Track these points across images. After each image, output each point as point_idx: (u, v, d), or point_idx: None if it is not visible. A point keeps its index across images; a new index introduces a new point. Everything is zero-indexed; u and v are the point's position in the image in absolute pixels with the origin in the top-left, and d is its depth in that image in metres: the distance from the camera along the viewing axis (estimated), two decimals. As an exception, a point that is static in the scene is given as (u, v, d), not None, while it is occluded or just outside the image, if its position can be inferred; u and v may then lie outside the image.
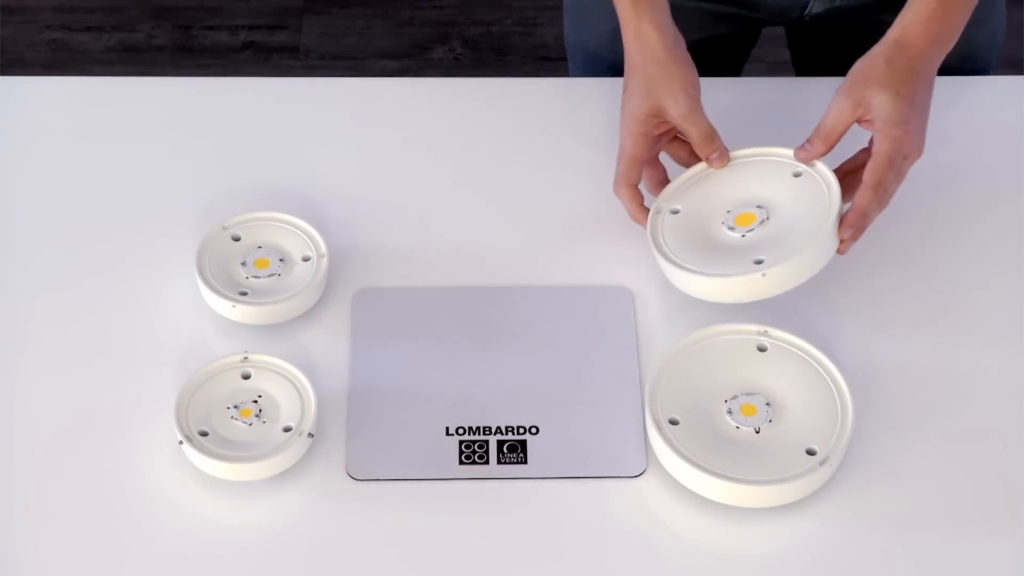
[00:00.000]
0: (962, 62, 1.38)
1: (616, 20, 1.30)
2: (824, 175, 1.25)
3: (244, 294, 1.25)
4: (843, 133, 1.24)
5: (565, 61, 1.60)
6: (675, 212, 1.27)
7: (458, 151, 1.37)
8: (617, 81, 1.32)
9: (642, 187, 1.29)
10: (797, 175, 1.26)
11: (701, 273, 1.22)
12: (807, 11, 1.45)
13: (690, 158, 1.31)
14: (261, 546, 1.14)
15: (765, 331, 1.21)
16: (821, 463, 1.14)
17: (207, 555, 1.14)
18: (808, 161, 1.25)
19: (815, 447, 1.16)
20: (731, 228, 1.25)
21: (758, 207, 1.25)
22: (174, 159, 1.37)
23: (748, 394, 1.19)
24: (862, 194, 1.21)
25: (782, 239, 1.22)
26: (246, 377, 1.20)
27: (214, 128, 1.39)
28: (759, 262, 1.21)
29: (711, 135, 1.27)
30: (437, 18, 2.60)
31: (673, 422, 1.17)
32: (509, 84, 1.47)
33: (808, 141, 1.25)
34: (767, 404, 1.18)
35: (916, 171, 1.24)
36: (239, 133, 1.39)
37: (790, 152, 1.27)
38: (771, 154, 1.28)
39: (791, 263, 1.20)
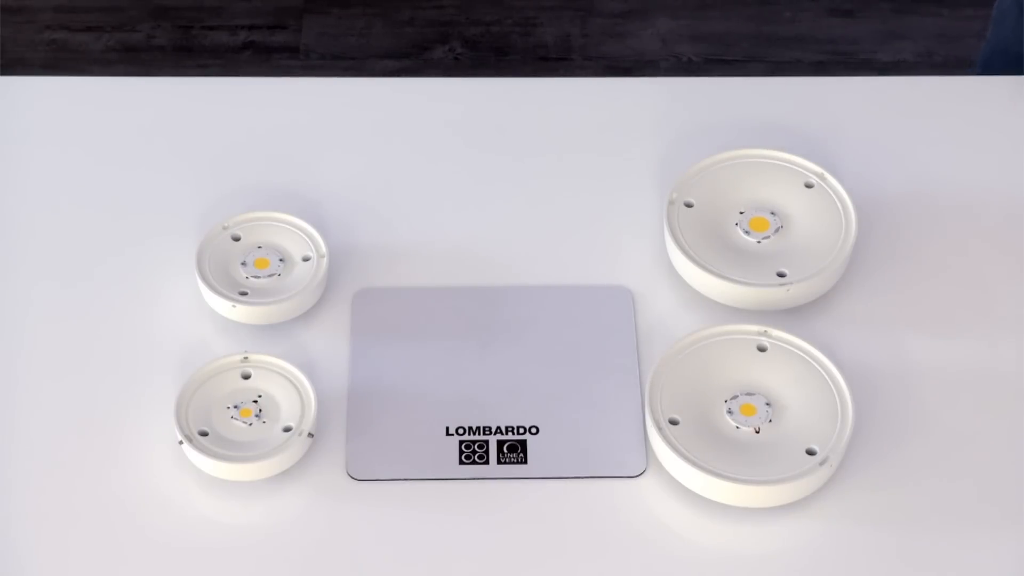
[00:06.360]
0: None
1: None
2: (837, 191, 1.27)
3: (244, 294, 1.25)
4: None
5: (565, 61, 1.60)
6: (689, 205, 1.28)
7: (458, 151, 1.37)
8: (615, 82, 1.32)
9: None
10: (809, 186, 1.28)
11: (722, 277, 1.23)
12: None
13: None
14: (261, 546, 1.14)
15: (765, 331, 1.21)
16: (821, 463, 1.14)
17: (207, 555, 1.14)
18: None
19: (815, 447, 1.16)
20: (746, 232, 1.26)
21: (771, 213, 1.27)
22: (174, 159, 1.36)
23: (748, 394, 1.19)
24: None
25: (801, 252, 1.25)
26: (246, 377, 1.20)
27: (214, 128, 1.39)
28: (781, 274, 1.23)
29: None
30: (437, 18, 2.60)
31: (673, 422, 1.17)
32: (509, 84, 1.47)
33: None
34: (767, 404, 1.18)
35: (916, 171, 1.24)
36: (239, 133, 1.38)
37: (799, 160, 1.29)
38: (777, 158, 1.30)
39: (815, 280, 1.23)
